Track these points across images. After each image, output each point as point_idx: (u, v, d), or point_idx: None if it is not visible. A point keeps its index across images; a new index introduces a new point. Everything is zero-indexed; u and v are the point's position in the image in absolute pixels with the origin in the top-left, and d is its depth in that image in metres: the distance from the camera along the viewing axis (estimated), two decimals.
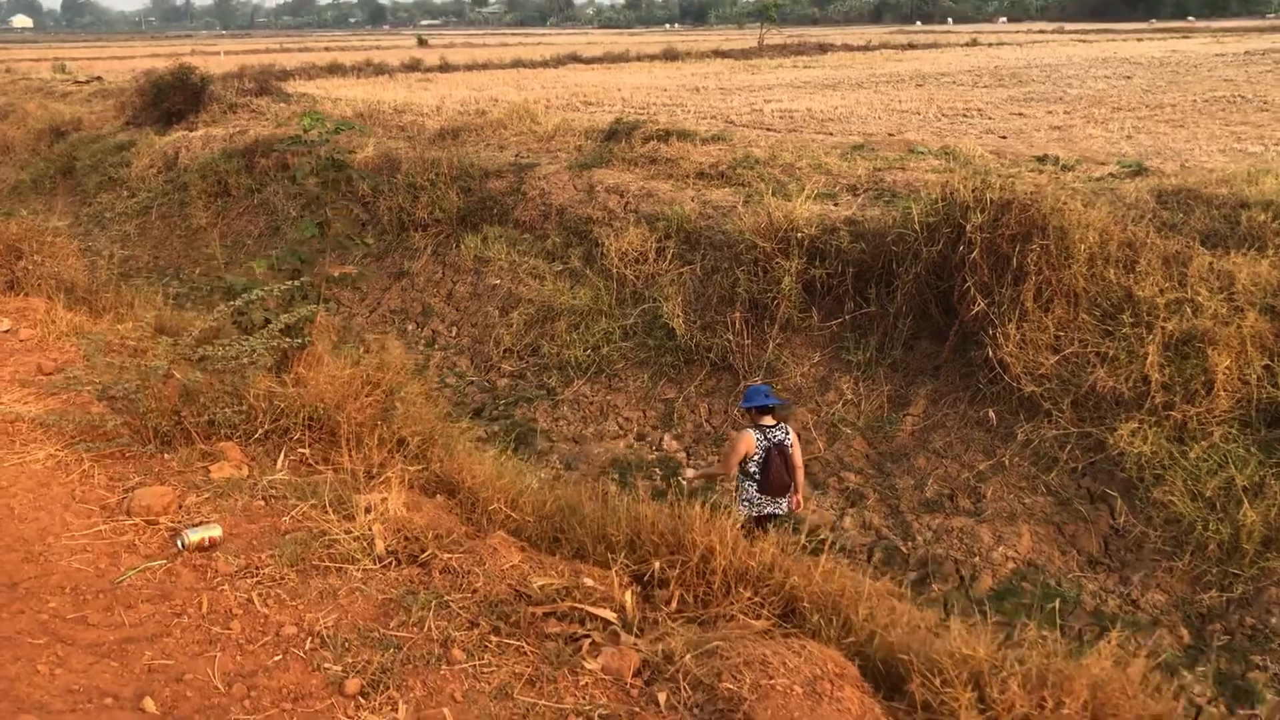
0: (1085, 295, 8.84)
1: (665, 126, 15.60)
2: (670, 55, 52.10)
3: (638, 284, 12.31)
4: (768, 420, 7.26)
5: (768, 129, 22.94)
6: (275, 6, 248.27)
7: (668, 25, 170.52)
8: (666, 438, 10.50)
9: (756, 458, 7.14)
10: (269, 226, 17.63)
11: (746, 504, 7.22)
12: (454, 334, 13.63)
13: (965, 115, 25.74)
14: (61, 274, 8.71)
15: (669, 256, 12.26)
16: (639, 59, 50.71)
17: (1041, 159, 13.36)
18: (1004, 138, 20.63)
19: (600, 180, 14.21)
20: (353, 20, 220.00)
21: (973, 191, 9.61)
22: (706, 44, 64.33)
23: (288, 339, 5.58)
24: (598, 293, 12.46)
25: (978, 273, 9.06)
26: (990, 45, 62.79)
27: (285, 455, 4.97)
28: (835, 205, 12.00)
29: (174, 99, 22.41)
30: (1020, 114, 25.68)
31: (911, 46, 61.93)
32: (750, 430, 7.22)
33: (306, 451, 5.05)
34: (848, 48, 59.09)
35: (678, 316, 11.34)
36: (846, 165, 13.56)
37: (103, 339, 6.12)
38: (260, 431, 5.08)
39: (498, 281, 13.77)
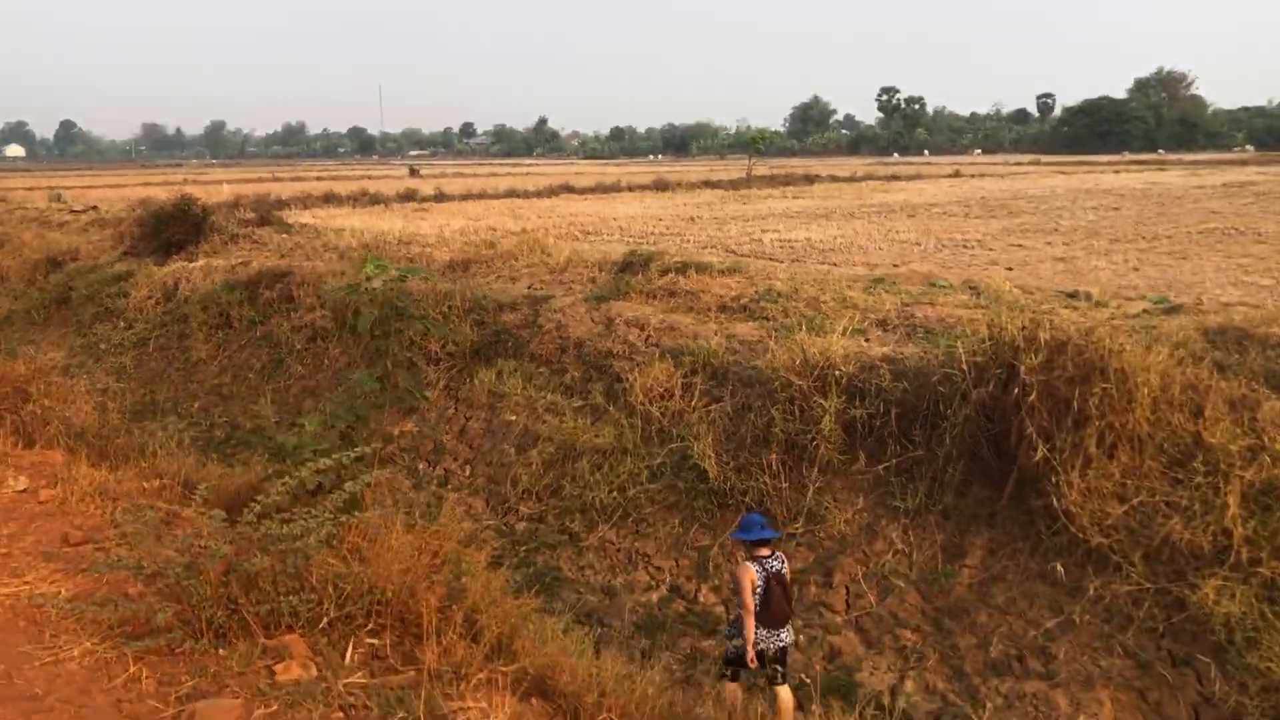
0: (1150, 441, 8.43)
1: (682, 259, 15.41)
2: (661, 186, 52.95)
3: (664, 422, 11.86)
4: (764, 551, 7.31)
5: (771, 259, 22.92)
6: (265, 136, 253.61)
7: (651, 156, 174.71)
8: (704, 590, 9.90)
9: (758, 590, 7.11)
10: (272, 360, 17.18)
11: (742, 640, 7.12)
12: (468, 473, 13.07)
13: (965, 246, 25.87)
14: (72, 418, 8.19)
15: (696, 393, 11.84)
16: (630, 189, 51.49)
17: (1072, 295, 13.15)
18: (1009, 269, 20.63)
19: (619, 313, 13.90)
20: (342, 150, 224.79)
21: (1022, 331, 9.29)
22: (695, 175, 65.56)
23: (346, 512, 5.05)
24: (621, 431, 11.99)
25: (1036, 417, 8.65)
26: (973, 177, 64.19)
27: (354, 648, 4.38)
28: (867, 341, 11.68)
29: (174, 229, 22.22)
30: (1019, 245, 25.85)
31: (895, 178, 63.24)
32: (750, 563, 7.23)
33: (376, 643, 4.46)
34: (834, 178, 60.25)
35: (709, 457, 10.86)
36: (872, 299, 13.31)
37: (135, 508, 5.51)
38: (324, 620, 4.49)
39: (514, 418, 13.29)
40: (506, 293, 15.45)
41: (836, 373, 10.46)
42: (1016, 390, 8.89)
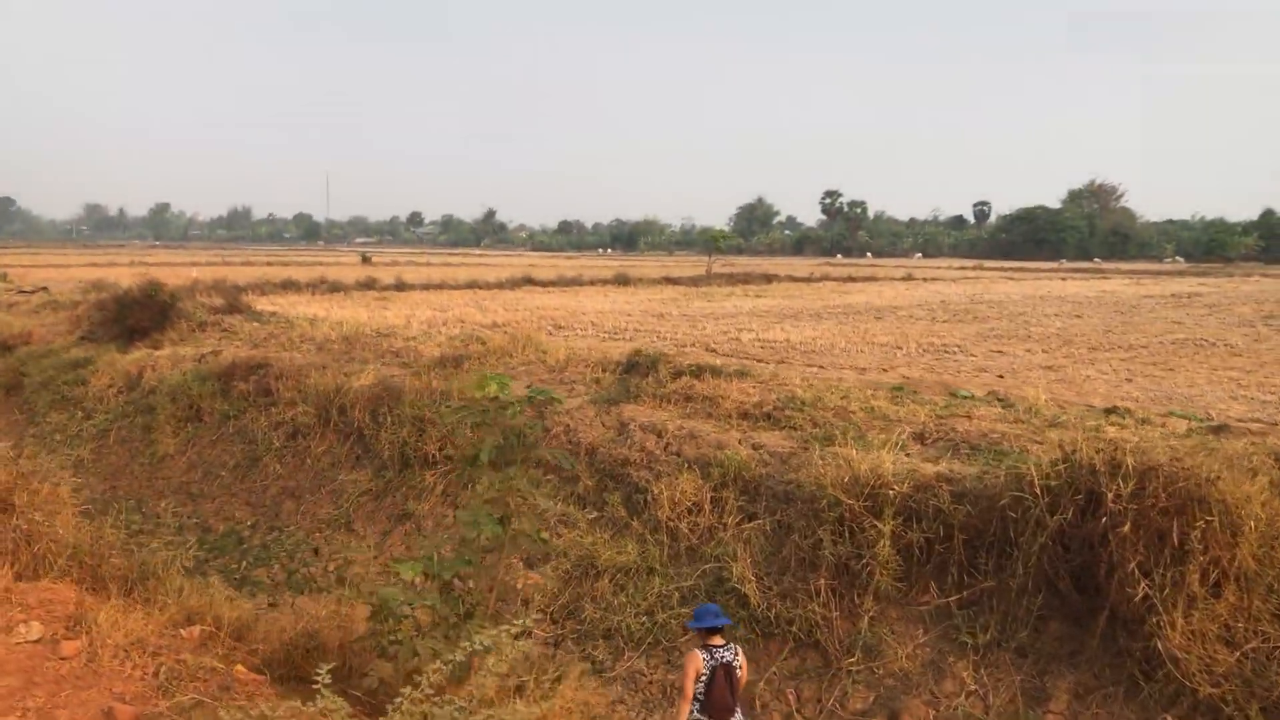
0: (1259, 580, 7.82)
1: (695, 361, 14.75)
2: (622, 280, 52.71)
3: (693, 539, 11.04)
4: (716, 640, 7.37)
5: (755, 359, 22.33)
6: (210, 220, 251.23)
7: (601, 250, 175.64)
8: None
9: (703, 677, 7.17)
10: (247, 457, 16.09)
11: None
12: (468, 589, 12.06)
13: (946, 351, 25.62)
14: (59, 533, 7.16)
15: (728, 509, 11.06)
16: (592, 283, 51.13)
17: (1110, 410, 12.67)
18: (1001, 376, 20.29)
19: (631, 418, 13.14)
20: (287, 235, 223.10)
21: (1099, 453, 8.71)
22: (653, 270, 65.48)
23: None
24: (645, 547, 11.13)
25: (1130, 550, 8.01)
26: (925, 280, 65.02)
27: None
28: (908, 455, 11.03)
29: (138, 315, 21.10)
30: (1000, 351, 25.66)
31: (851, 279, 63.85)
32: (698, 650, 7.31)
33: None
34: (791, 278, 60.57)
35: (749, 580, 10.04)
36: (902, 410, 12.72)
37: (182, 669, 4.52)
38: None
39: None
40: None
41: (890, 492, 9.76)
42: (1104, 520, 8.25)
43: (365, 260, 77.51)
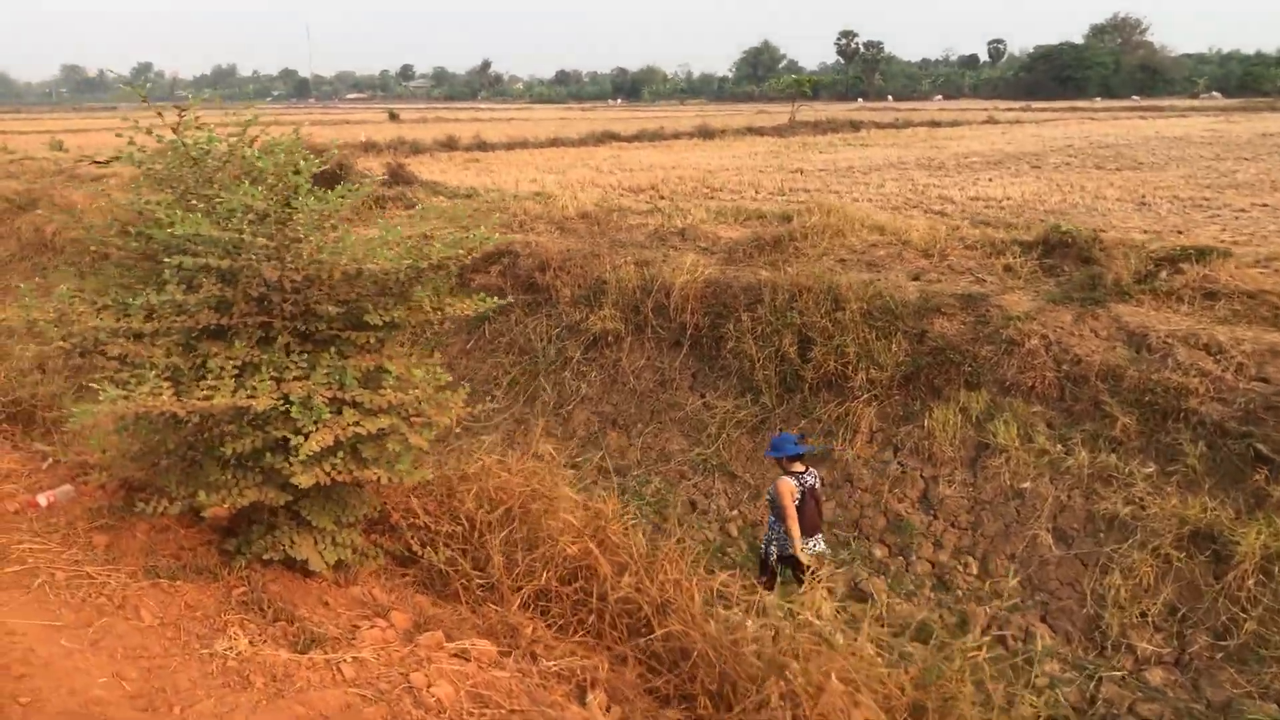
0: None
1: (1180, 243, 11.09)
2: (706, 133, 48.20)
3: None
4: (798, 466, 7.83)
5: (1010, 226, 18.56)
6: (194, 79, 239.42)
7: (611, 101, 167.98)
8: None
9: (795, 502, 7.62)
10: (525, 373, 12.55)
11: (778, 544, 7.78)
12: (972, 571, 8.72)
13: (1198, 206, 21.76)
14: None
15: None
16: (675, 137, 46.63)
17: None
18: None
19: (1145, 326, 9.56)
20: (275, 94, 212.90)
21: None
22: (738, 120, 60.40)
23: None
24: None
25: None
26: (1010, 124, 60.39)
27: None
28: None
29: None
30: (1263, 204, 21.83)
31: (936, 123, 59.15)
32: (787, 478, 7.75)
33: None
34: (876, 125, 55.94)
35: None
36: None
37: None
38: None
39: (1029, 485, 8.95)
40: (920, 292, 10.95)
41: None
42: None
43: (393, 118, 72.00)
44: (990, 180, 27.39)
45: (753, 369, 10.93)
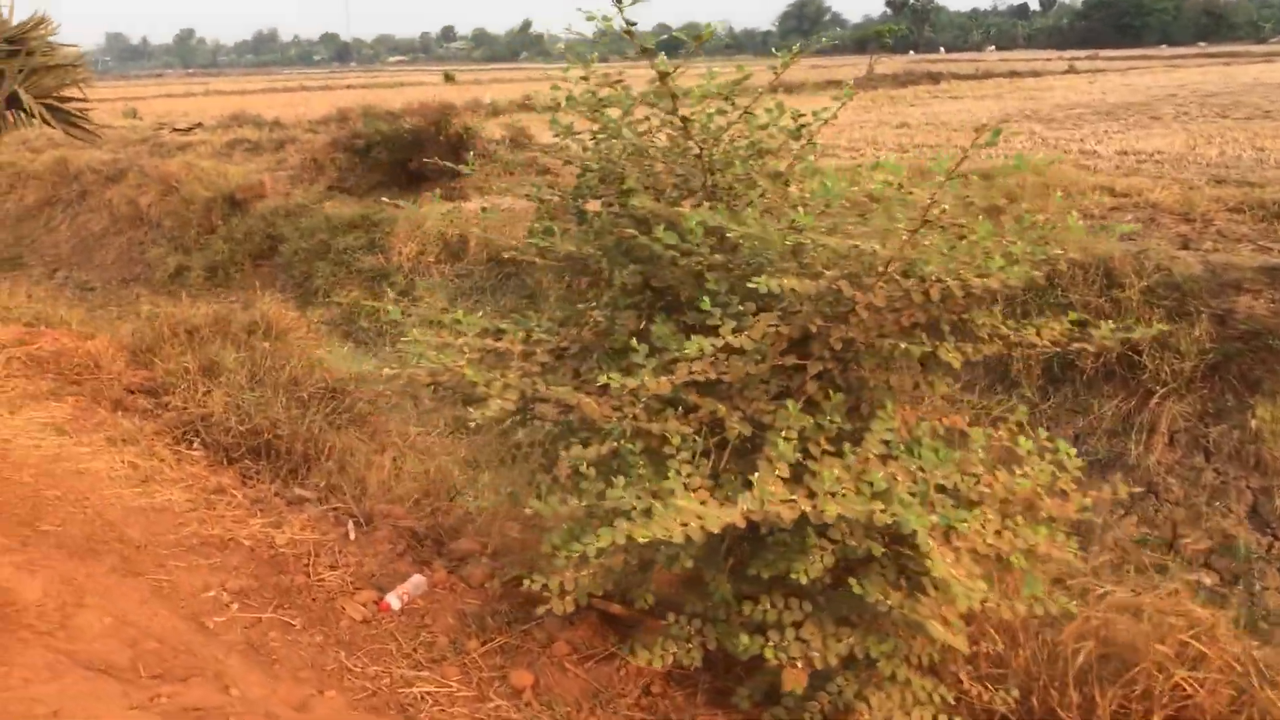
0: None
1: None
2: (786, 87, 46.19)
3: None
4: None
5: (1192, 187, 16.75)
6: (236, 45, 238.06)
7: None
8: None
9: None
10: None
11: None
12: None
13: None
14: None
15: None
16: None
17: None
18: None
19: None
20: (317, 58, 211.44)
21: None
22: (810, 74, 58.11)
23: None
24: None
25: None
26: (1096, 73, 57.72)
27: None
28: None
29: (423, 156, 15.76)
30: None
31: (1015, 74, 56.64)
32: None
33: None
34: (956, 76, 53.59)
35: None
36: None
37: None
38: None
39: None
40: (1182, 262, 9.38)
41: None
42: None
43: (449, 79, 70.37)
44: (1118, 134, 25.35)
45: (1008, 357, 9.42)
